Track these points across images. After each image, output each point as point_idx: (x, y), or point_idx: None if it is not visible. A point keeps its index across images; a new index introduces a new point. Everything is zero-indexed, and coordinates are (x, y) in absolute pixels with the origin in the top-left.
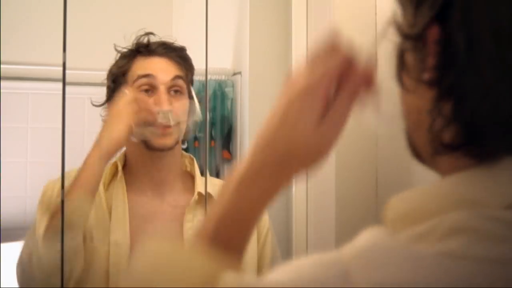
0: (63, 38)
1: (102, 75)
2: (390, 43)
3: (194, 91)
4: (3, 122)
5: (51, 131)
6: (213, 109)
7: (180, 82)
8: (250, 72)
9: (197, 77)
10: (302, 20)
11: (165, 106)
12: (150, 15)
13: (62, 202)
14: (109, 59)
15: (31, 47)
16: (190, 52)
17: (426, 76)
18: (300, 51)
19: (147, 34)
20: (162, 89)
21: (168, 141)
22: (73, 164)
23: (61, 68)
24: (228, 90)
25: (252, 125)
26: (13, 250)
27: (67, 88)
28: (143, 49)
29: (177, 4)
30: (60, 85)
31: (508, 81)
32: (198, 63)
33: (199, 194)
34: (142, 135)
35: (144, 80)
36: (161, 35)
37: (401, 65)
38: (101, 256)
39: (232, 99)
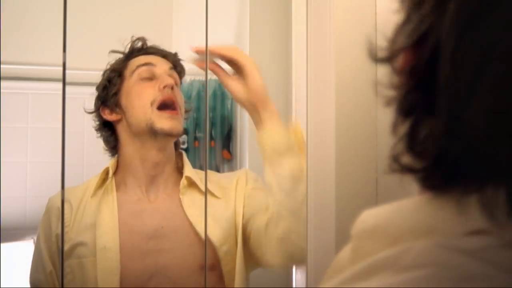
0: (63, 38)
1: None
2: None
3: (194, 91)
4: (3, 122)
5: (51, 131)
6: (213, 109)
7: (175, 76)
8: None
9: (197, 77)
10: (302, 20)
11: (168, 82)
12: (150, 15)
13: (62, 202)
14: (109, 59)
15: (31, 47)
16: (190, 52)
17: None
18: (300, 51)
19: (140, 39)
20: (163, 73)
21: (175, 125)
22: (73, 164)
23: (61, 68)
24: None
25: (252, 125)
26: (13, 250)
27: (67, 88)
28: (137, 51)
29: (177, 4)
30: (60, 85)
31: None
32: None
33: (187, 178)
34: (148, 120)
35: (144, 68)
36: (161, 35)
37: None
38: (89, 268)
39: (232, 99)
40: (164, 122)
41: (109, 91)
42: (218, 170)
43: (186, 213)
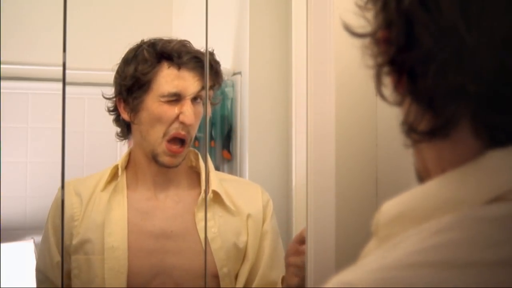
0: (63, 38)
1: (102, 75)
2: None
3: None
4: (3, 122)
5: (51, 131)
6: (213, 109)
7: (204, 93)
8: (250, 72)
9: None
10: (302, 20)
11: (189, 121)
12: (150, 14)
13: (62, 202)
14: (109, 59)
15: (31, 47)
16: None
17: (386, 69)
18: (300, 51)
19: (180, 41)
20: (188, 102)
21: (177, 161)
22: (73, 164)
23: (61, 68)
24: (228, 90)
25: (252, 125)
26: (13, 250)
27: (67, 88)
28: (173, 58)
29: (177, 4)
30: (60, 85)
31: (448, 45)
32: None
33: (214, 192)
34: (154, 150)
35: (171, 96)
36: (161, 35)
37: (379, 80)
38: (97, 266)
39: (232, 99)
40: (166, 158)
41: (132, 93)
42: (218, 170)
43: (197, 227)
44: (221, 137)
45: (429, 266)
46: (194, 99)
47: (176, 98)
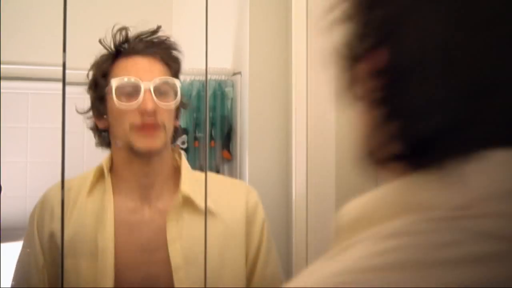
0: (63, 38)
1: None
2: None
3: (194, 91)
4: (3, 122)
5: (51, 131)
6: (213, 109)
7: (165, 86)
8: (250, 72)
9: (197, 77)
10: (302, 20)
11: (149, 106)
12: (150, 15)
13: (62, 201)
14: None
15: (31, 47)
16: (190, 52)
17: (373, 97)
18: (300, 51)
19: (122, 29)
20: (145, 90)
21: (154, 144)
22: (73, 164)
23: (61, 68)
24: (228, 90)
25: (252, 125)
26: (13, 250)
27: (67, 88)
28: (122, 48)
29: (177, 4)
30: (60, 85)
31: (454, 94)
32: (198, 63)
33: (184, 197)
34: (127, 141)
35: (124, 90)
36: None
37: (349, 82)
38: (86, 272)
39: (232, 99)
40: (142, 142)
41: (96, 96)
42: (218, 170)
43: (167, 241)
44: (221, 137)
45: (380, 269)
46: (159, 93)
47: (132, 88)
